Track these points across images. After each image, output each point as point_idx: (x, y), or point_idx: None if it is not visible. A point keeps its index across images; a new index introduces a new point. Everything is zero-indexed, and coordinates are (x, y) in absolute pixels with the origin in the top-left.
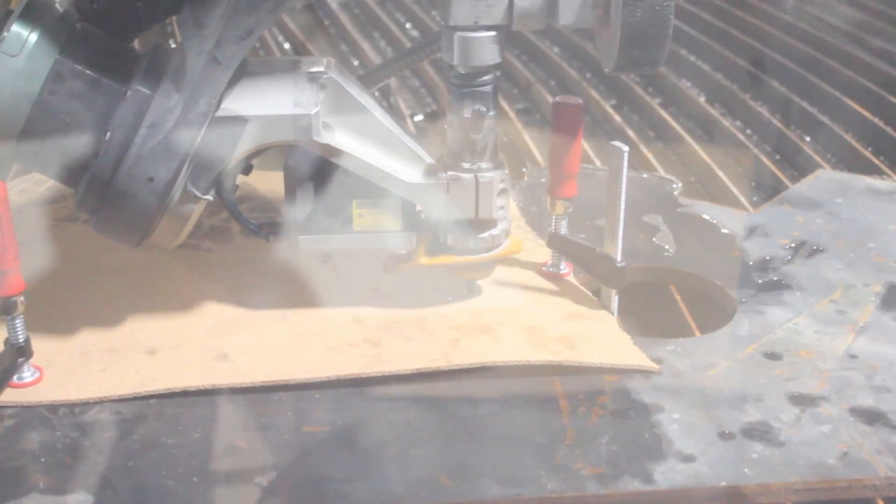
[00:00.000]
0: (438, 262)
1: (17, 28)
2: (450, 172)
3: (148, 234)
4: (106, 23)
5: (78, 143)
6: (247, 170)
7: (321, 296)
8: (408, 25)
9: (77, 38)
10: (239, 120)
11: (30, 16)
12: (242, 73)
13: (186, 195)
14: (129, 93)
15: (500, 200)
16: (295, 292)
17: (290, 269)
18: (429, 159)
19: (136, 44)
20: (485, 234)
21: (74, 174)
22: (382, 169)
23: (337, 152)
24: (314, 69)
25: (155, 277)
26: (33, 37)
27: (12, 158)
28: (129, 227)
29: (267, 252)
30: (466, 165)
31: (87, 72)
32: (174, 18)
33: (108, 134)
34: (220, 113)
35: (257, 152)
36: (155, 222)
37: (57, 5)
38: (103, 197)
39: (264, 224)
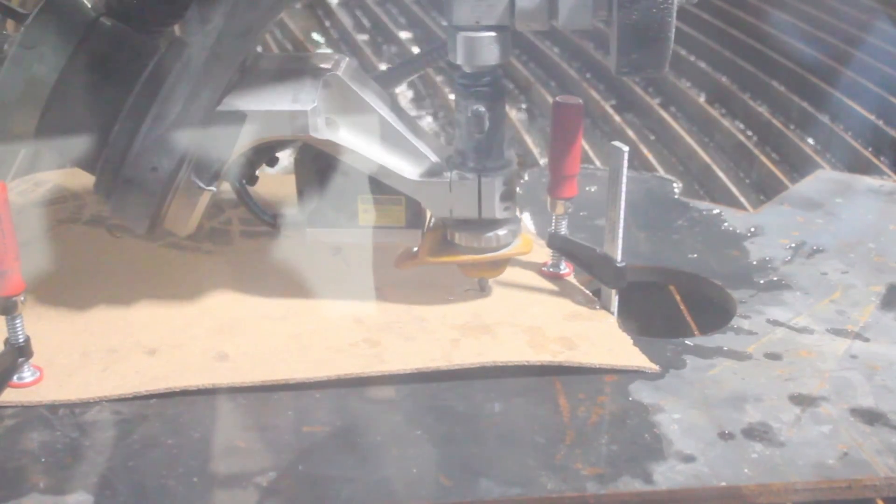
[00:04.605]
0: (445, 260)
1: (36, 22)
2: (454, 171)
3: (157, 223)
4: (130, 18)
5: (92, 132)
6: (271, 161)
7: (321, 296)
8: (408, 26)
9: (97, 32)
10: (238, 115)
11: (49, 10)
12: (253, 69)
13: (191, 185)
14: (138, 86)
15: (506, 200)
16: (295, 293)
17: (289, 270)
18: (434, 158)
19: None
20: (490, 234)
21: (91, 160)
22: (385, 165)
23: (339, 148)
24: (322, 66)
25: (155, 278)
26: (51, 30)
27: (33, 147)
28: (137, 215)
29: (267, 253)
30: (471, 165)
31: (102, 65)
32: None
33: (118, 124)
34: (220, 107)
35: (275, 146)
36: (162, 211)
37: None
38: (114, 184)
39: (278, 215)
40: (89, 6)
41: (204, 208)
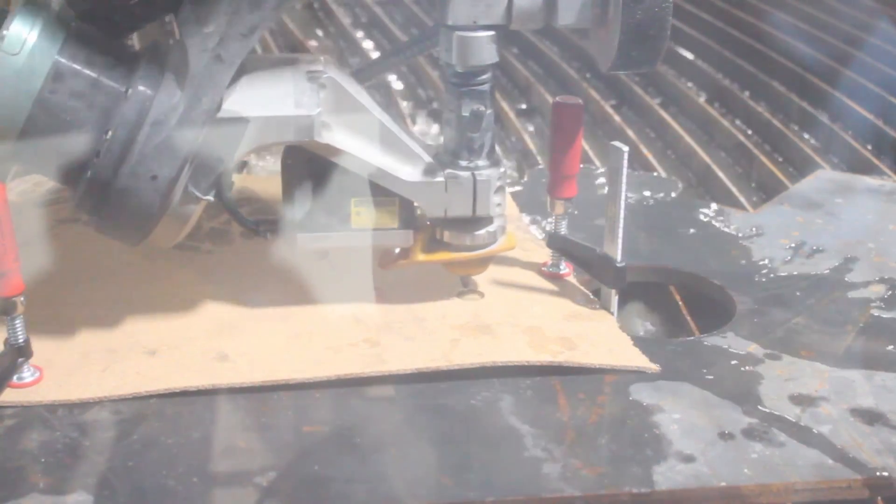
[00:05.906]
0: (435, 258)
1: (17, 26)
2: (447, 171)
3: (149, 233)
4: (99, 21)
5: (79, 142)
6: (240, 166)
7: (321, 296)
8: (406, 24)
9: (75, 36)
10: (240, 121)
11: (29, 13)
12: (240, 71)
13: (187, 195)
14: (129, 91)
15: (497, 198)
16: (294, 293)
17: (289, 270)
18: (427, 157)
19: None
20: (481, 231)
21: (74, 173)
22: (381, 167)
23: (336, 152)
24: (313, 68)
25: (155, 278)
26: (34, 35)
27: (12, 158)
28: (131, 226)
29: (266, 253)
30: (464, 164)
31: (88, 70)
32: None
33: (110, 132)
34: (221, 114)
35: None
36: (157, 221)
37: (53, 3)
38: (104, 196)
39: (262, 221)
40: (58, 9)
41: (195, 220)
